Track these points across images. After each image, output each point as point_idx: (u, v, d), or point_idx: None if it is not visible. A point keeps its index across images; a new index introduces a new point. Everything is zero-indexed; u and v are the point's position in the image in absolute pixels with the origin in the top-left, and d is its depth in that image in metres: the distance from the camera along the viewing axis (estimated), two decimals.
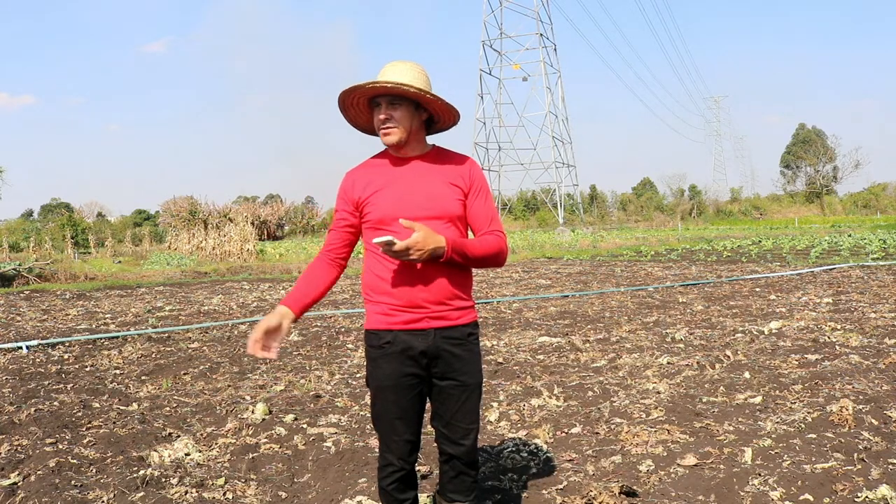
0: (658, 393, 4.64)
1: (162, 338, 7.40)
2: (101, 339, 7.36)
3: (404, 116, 2.26)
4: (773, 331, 6.68)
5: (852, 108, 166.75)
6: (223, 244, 22.65)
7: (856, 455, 3.36)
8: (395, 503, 2.42)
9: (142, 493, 3.24)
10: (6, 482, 3.35)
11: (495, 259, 2.32)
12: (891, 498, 2.86)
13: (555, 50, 52.63)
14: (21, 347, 6.84)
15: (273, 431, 4.12)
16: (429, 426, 2.49)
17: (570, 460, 3.55)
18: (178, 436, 4.05)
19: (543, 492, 3.18)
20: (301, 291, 2.35)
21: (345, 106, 2.32)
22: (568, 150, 52.63)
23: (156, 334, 7.58)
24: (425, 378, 2.32)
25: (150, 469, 3.50)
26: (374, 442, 3.87)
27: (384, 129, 2.26)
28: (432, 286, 2.24)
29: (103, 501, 3.17)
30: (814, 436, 3.67)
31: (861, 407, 4.06)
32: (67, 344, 7.12)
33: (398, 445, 2.35)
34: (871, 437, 3.55)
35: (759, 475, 3.19)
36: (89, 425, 4.29)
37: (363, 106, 2.33)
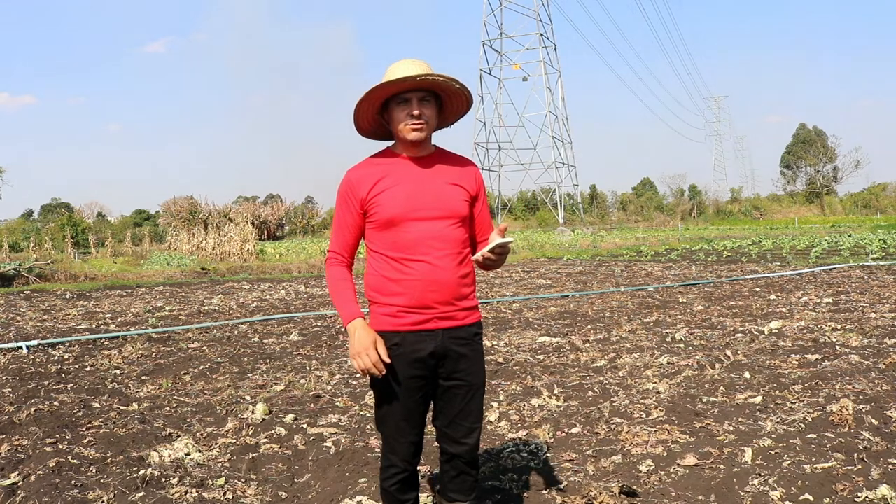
0: (658, 393, 4.64)
1: (162, 338, 7.41)
2: (101, 339, 7.36)
3: (432, 114, 2.25)
4: (773, 331, 6.68)
5: (852, 108, 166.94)
6: (223, 244, 22.65)
7: (856, 455, 3.36)
8: (397, 503, 2.42)
9: (142, 493, 3.24)
10: (6, 482, 3.35)
11: None
12: (891, 498, 2.86)
13: (555, 50, 52.63)
14: (21, 347, 6.84)
15: (273, 431, 4.12)
16: (429, 426, 2.48)
17: (570, 460, 3.55)
18: (178, 436, 4.05)
19: (543, 492, 3.18)
20: (354, 298, 2.28)
21: (366, 100, 2.22)
22: (568, 150, 52.65)
23: (156, 334, 7.58)
24: (431, 379, 2.32)
25: (150, 469, 3.50)
26: (374, 442, 3.87)
27: (416, 125, 2.21)
28: (441, 287, 2.23)
29: (103, 501, 3.17)
30: (814, 436, 3.67)
31: (861, 407, 4.06)
32: (67, 344, 7.12)
33: (403, 447, 2.35)
34: (871, 437, 3.55)
35: (759, 475, 3.19)
36: (89, 425, 4.29)
37: (375, 106, 2.27)
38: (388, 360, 2.19)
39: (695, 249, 20.71)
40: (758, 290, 10.16)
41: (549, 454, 3.65)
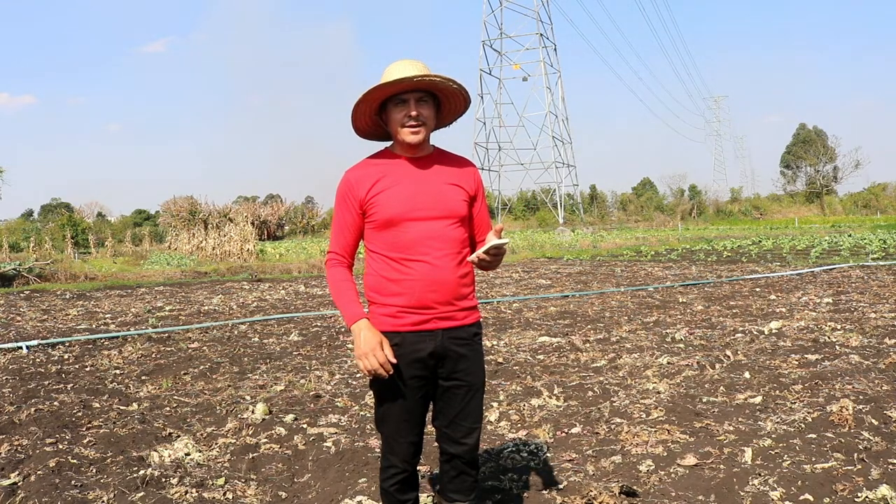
0: (658, 393, 4.64)
1: (162, 338, 7.41)
2: (101, 339, 7.36)
3: (430, 115, 2.25)
4: (773, 331, 6.68)
5: (852, 108, 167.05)
6: (223, 244, 22.64)
7: (856, 455, 3.36)
8: (397, 503, 2.42)
9: (142, 493, 3.24)
10: (6, 482, 3.35)
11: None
12: (891, 498, 2.86)
13: (555, 50, 52.61)
14: (21, 347, 6.84)
15: (273, 431, 4.12)
16: (429, 426, 2.48)
17: (570, 460, 3.55)
18: (178, 436, 4.05)
19: (543, 492, 3.18)
20: (357, 299, 2.28)
21: (364, 102, 2.22)
22: (568, 150, 52.64)
23: (156, 334, 7.58)
24: (430, 379, 2.32)
25: (150, 469, 3.50)
26: (374, 442, 3.87)
27: (413, 126, 2.21)
28: (441, 287, 2.23)
29: (103, 501, 3.17)
30: (814, 436, 3.67)
31: (861, 407, 4.06)
32: (67, 344, 7.12)
33: (403, 447, 2.34)
34: (871, 437, 3.55)
35: (759, 475, 3.19)
36: (89, 425, 4.29)
37: (373, 107, 2.26)
38: (394, 361, 2.19)
39: (695, 249, 20.70)
40: (758, 290, 10.16)
41: (549, 454, 3.65)
